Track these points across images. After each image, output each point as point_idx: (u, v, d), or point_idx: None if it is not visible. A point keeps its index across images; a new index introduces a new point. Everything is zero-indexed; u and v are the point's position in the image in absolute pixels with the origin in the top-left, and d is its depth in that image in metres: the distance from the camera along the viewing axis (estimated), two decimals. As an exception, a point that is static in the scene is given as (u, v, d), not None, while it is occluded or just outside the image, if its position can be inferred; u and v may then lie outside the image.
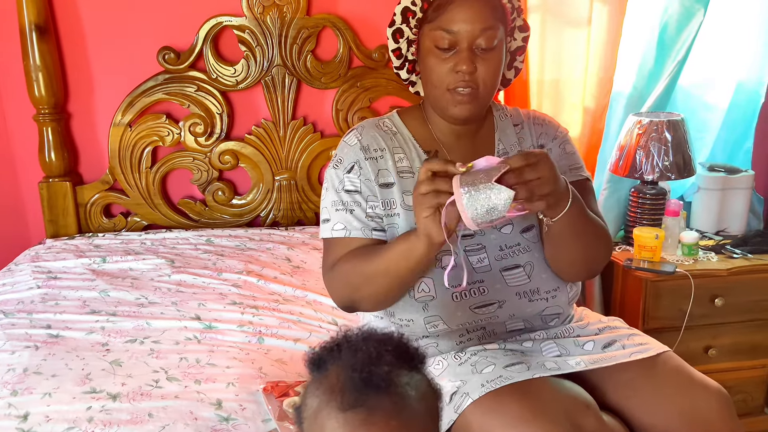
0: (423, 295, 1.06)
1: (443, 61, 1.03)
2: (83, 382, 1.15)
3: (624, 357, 1.04)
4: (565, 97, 1.92)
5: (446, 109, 1.06)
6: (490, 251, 1.09)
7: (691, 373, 1.04)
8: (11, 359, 1.21)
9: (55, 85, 1.78)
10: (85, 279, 1.55)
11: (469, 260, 1.07)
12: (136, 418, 1.05)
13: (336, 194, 1.10)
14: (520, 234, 1.10)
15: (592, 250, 1.07)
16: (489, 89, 1.05)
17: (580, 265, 1.08)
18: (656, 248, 1.79)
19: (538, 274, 1.09)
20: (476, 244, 1.08)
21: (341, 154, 1.12)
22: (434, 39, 1.03)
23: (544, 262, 1.10)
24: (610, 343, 1.07)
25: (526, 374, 0.96)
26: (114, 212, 1.94)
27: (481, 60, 1.02)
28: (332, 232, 1.08)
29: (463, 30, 1.01)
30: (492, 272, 1.08)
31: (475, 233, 1.08)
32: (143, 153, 1.88)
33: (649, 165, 1.84)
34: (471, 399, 0.94)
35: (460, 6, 1.01)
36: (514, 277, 1.08)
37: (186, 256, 1.70)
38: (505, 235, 1.10)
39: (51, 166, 1.83)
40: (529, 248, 1.10)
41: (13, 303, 1.44)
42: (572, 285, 1.14)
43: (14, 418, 1.05)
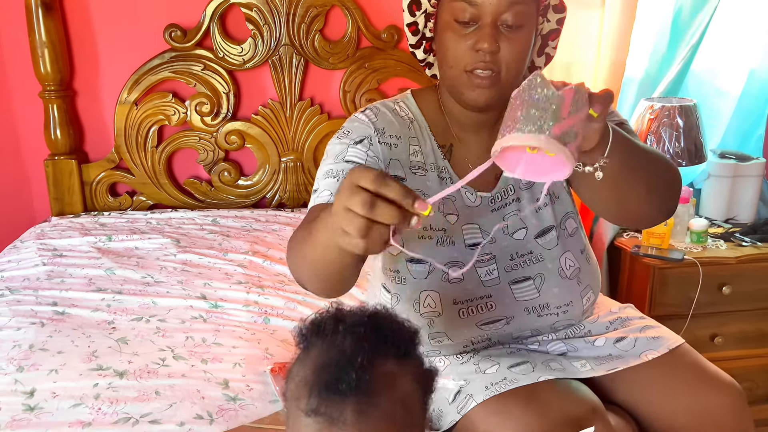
0: (429, 310, 0.98)
1: (462, 37, 0.91)
2: (89, 359, 1.14)
3: (634, 357, 1.01)
4: (576, 81, 1.88)
5: (462, 93, 0.94)
6: (500, 261, 0.99)
7: (703, 368, 1.01)
8: (17, 335, 1.21)
9: (61, 61, 1.77)
10: (90, 257, 1.54)
11: (477, 273, 0.99)
12: (143, 396, 1.05)
13: (334, 163, 0.94)
14: (534, 240, 1.01)
15: (657, 178, 0.88)
16: (513, 74, 0.92)
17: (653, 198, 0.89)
18: (665, 235, 1.78)
19: (548, 288, 1.00)
20: (486, 254, 0.99)
21: (349, 127, 0.99)
22: (453, 11, 0.91)
23: (557, 275, 1.00)
24: (621, 339, 1.05)
25: (531, 377, 0.94)
26: (119, 191, 1.93)
27: (506, 39, 0.90)
28: (317, 199, 0.91)
29: (488, 2, 0.88)
30: (500, 286, 0.99)
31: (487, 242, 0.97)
32: (149, 132, 1.86)
33: (660, 150, 1.82)
34: (475, 402, 0.93)
35: None
36: (523, 291, 1.00)
37: (192, 236, 1.69)
38: (518, 241, 1.01)
39: (56, 143, 1.82)
40: (542, 257, 1.00)
41: (19, 280, 1.44)
42: (590, 295, 1.05)
43: (21, 394, 1.04)
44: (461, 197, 1.00)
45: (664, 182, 0.89)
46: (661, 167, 0.89)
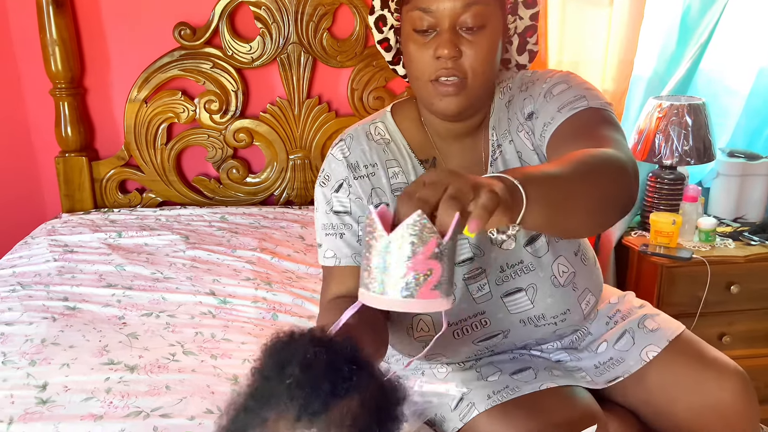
0: (423, 334, 0.97)
1: (423, 46, 0.88)
2: (101, 353, 1.16)
3: (635, 358, 1.00)
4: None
5: (432, 104, 0.91)
6: (490, 275, 0.96)
7: (705, 357, 1.00)
8: (29, 330, 1.22)
9: (72, 59, 1.78)
10: (101, 253, 1.56)
11: (468, 290, 0.96)
12: (154, 390, 1.06)
13: (325, 216, 0.98)
14: (524, 249, 0.96)
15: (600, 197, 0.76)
16: (480, 77, 0.89)
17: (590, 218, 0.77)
18: (673, 234, 1.77)
19: (542, 298, 0.97)
20: (476, 269, 0.96)
21: (328, 170, 0.99)
22: (412, 21, 0.88)
23: (550, 284, 0.97)
24: (620, 337, 1.04)
25: (533, 385, 0.94)
26: (129, 188, 1.95)
27: (468, 42, 0.87)
28: (324, 260, 0.98)
29: (443, 7, 0.86)
30: (493, 300, 0.96)
31: (475, 255, 0.96)
32: (158, 129, 1.88)
33: (668, 149, 1.82)
34: (477, 411, 0.93)
35: None
36: (516, 303, 0.97)
37: (200, 232, 1.71)
38: (506, 251, 0.96)
39: (67, 140, 1.83)
40: (533, 266, 0.96)
41: (31, 275, 1.45)
42: (589, 298, 1.01)
43: (33, 387, 1.06)
44: None
45: (612, 195, 0.77)
46: (605, 182, 0.76)
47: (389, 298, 0.57)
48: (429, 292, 0.58)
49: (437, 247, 0.57)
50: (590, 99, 0.89)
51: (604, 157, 0.76)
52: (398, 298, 0.57)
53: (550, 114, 0.90)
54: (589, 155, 0.76)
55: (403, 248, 0.57)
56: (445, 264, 0.58)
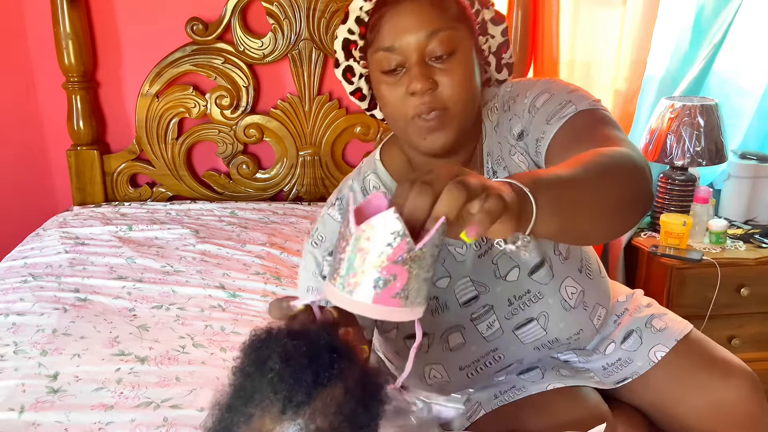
0: (436, 381, 0.95)
1: (395, 86, 0.83)
2: (111, 344, 1.16)
3: (642, 358, 0.99)
4: (596, 79, 1.89)
5: (418, 144, 0.86)
6: (498, 310, 0.92)
7: (712, 357, 1.00)
8: (40, 320, 1.23)
9: (85, 53, 1.79)
10: (111, 246, 1.56)
11: (478, 329, 0.92)
12: (164, 381, 1.07)
13: (313, 278, 0.93)
14: (528, 278, 0.92)
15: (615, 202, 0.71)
16: (461, 105, 0.84)
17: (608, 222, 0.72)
18: (683, 235, 1.77)
19: (554, 324, 0.94)
20: (482, 307, 0.92)
21: (323, 231, 0.93)
22: (379, 64, 0.84)
23: (561, 308, 0.93)
24: (627, 336, 1.03)
25: (541, 385, 0.93)
26: (140, 182, 1.96)
27: (441, 72, 0.82)
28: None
29: (405, 42, 0.81)
30: (504, 335, 0.93)
31: (480, 293, 0.91)
32: (169, 124, 1.88)
33: (679, 150, 1.81)
34: (484, 410, 0.92)
35: (396, 14, 0.82)
36: (528, 333, 0.94)
37: (210, 227, 1.71)
38: (512, 283, 0.92)
39: (79, 134, 1.84)
40: (541, 294, 0.92)
41: (42, 267, 1.46)
42: (600, 312, 0.98)
43: (44, 377, 1.06)
44: (451, 255, 0.92)
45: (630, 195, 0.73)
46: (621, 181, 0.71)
47: (345, 296, 0.53)
48: (389, 299, 0.52)
49: (406, 252, 0.51)
50: (577, 102, 0.84)
51: (616, 156, 0.72)
52: (354, 299, 0.52)
53: (540, 128, 0.85)
54: (601, 154, 0.72)
55: (367, 246, 0.52)
56: (415, 272, 0.52)
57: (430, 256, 0.53)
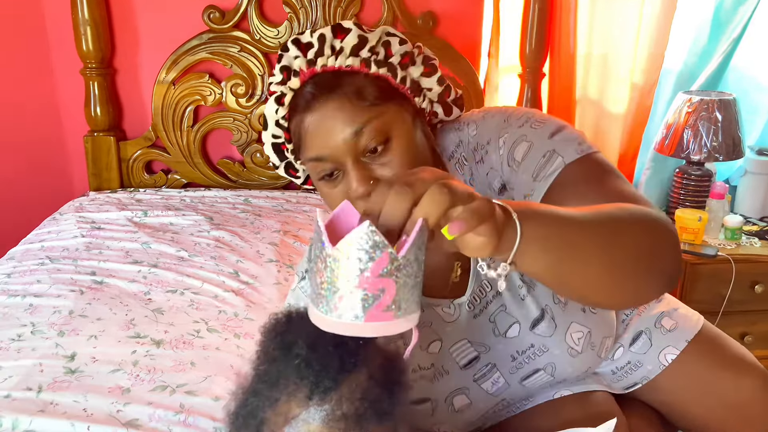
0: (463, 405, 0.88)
1: (335, 189, 0.77)
2: (127, 327, 1.18)
3: (653, 362, 0.97)
4: (613, 72, 1.87)
5: None
6: (502, 368, 0.86)
7: (722, 354, 0.97)
8: (57, 302, 1.25)
9: (102, 40, 1.80)
10: (127, 231, 1.58)
11: (483, 388, 0.87)
12: (180, 366, 1.08)
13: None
14: (530, 332, 0.86)
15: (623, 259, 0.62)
16: None
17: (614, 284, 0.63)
18: (698, 231, 1.76)
19: (562, 370, 0.88)
20: (485, 366, 0.86)
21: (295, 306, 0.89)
22: (315, 171, 0.78)
23: (568, 356, 0.87)
24: (636, 338, 0.99)
25: (548, 393, 0.91)
26: (155, 169, 1.97)
27: (381, 166, 0.75)
28: None
29: (333, 147, 0.74)
30: (511, 388, 0.88)
31: (480, 353, 0.85)
32: (185, 111, 1.89)
33: (696, 145, 1.80)
34: (490, 422, 0.92)
35: (314, 120, 0.75)
36: (536, 380, 0.89)
37: (224, 214, 1.72)
38: (513, 339, 0.86)
39: (96, 120, 1.86)
40: (546, 347, 0.86)
41: (59, 250, 1.48)
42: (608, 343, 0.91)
43: (62, 357, 1.08)
44: (438, 316, 0.86)
45: (650, 258, 0.63)
46: (640, 241, 0.63)
47: (335, 320, 0.50)
48: (380, 314, 0.50)
49: (390, 264, 0.49)
50: (563, 151, 0.76)
51: (639, 213, 0.63)
52: (345, 321, 0.50)
53: (527, 185, 0.78)
54: (620, 207, 0.64)
55: (348, 265, 0.49)
56: (402, 281, 0.50)
57: (415, 260, 0.51)
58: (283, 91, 0.79)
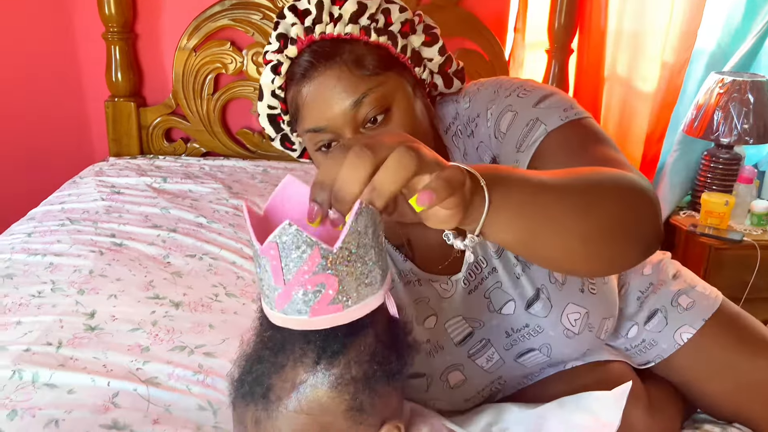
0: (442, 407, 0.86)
1: None
2: (147, 288, 1.17)
3: (668, 340, 0.94)
4: (643, 50, 1.82)
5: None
6: (496, 343, 0.85)
7: (739, 333, 0.95)
8: (77, 261, 1.25)
9: (125, 3, 1.78)
10: (146, 196, 1.57)
11: (477, 364, 0.86)
12: (198, 328, 1.08)
13: None
14: (525, 312, 0.84)
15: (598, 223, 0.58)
16: None
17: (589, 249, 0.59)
18: (724, 215, 1.72)
19: (558, 351, 0.86)
20: (479, 342, 0.85)
21: None
22: (311, 143, 0.76)
23: (564, 338, 0.84)
24: (651, 316, 0.97)
25: (560, 366, 0.90)
26: (174, 137, 1.96)
27: None
28: None
29: (331, 119, 0.72)
30: (506, 364, 0.86)
31: (474, 329, 0.83)
32: (206, 79, 1.88)
33: (726, 127, 1.75)
34: (503, 394, 0.90)
35: (312, 91, 0.73)
36: (531, 360, 0.87)
37: (243, 183, 1.71)
38: (509, 316, 0.84)
39: (117, 85, 1.85)
40: (541, 328, 0.84)
41: (79, 212, 1.48)
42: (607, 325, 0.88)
43: (81, 315, 1.08)
44: (435, 292, 0.85)
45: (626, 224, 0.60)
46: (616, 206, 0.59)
47: (281, 315, 0.47)
48: (326, 308, 0.46)
49: (323, 260, 0.45)
50: (546, 119, 0.73)
51: (617, 177, 0.60)
52: (290, 317, 0.47)
53: (512, 157, 0.76)
54: (596, 171, 0.61)
55: (276, 266, 0.45)
56: (346, 271, 0.46)
57: (362, 246, 0.46)
58: (279, 60, 0.77)
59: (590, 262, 0.60)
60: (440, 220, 0.49)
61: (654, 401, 0.92)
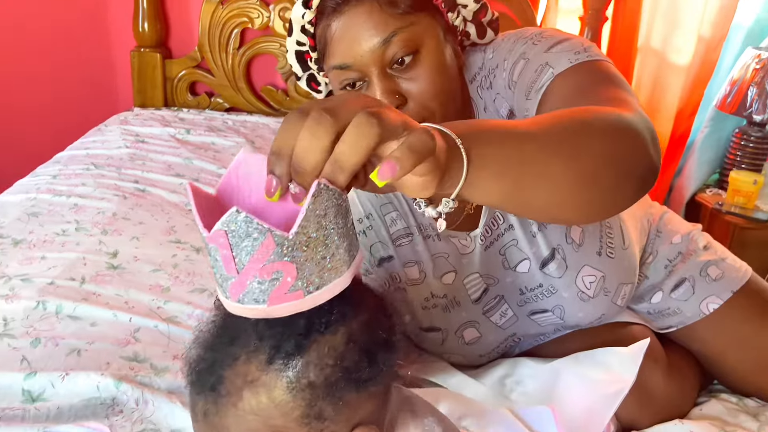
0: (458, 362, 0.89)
1: None
2: (168, 232, 1.18)
3: (693, 310, 0.94)
4: (680, 23, 1.77)
5: None
6: (510, 300, 0.86)
7: (765, 307, 0.94)
8: (101, 204, 1.26)
9: (154, -48, 1.77)
10: (170, 146, 1.58)
11: (492, 321, 0.87)
12: (217, 271, 1.08)
13: None
14: (540, 271, 0.84)
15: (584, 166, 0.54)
16: (437, 102, 0.74)
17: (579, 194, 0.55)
18: (752, 194, 1.69)
19: (572, 314, 0.86)
20: (493, 298, 0.86)
21: None
22: (337, 81, 0.76)
23: (578, 300, 0.84)
24: (678, 285, 0.96)
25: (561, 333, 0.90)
26: (198, 91, 1.96)
27: (407, 81, 0.73)
28: None
29: (359, 56, 0.72)
30: (520, 321, 0.87)
31: (489, 285, 0.84)
32: (232, 33, 1.86)
33: (760, 104, 1.70)
34: (519, 349, 0.91)
35: (342, 25, 0.72)
36: (545, 319, 0.88)
37: (266, 139, 1.71)
38: (523, 274, 0.84)
39: (143, 36, 1.84)
40: (554, 289, 0.84)
41: (103, 158, 1.49)
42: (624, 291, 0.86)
43: (104, 254, 1.09)
44: (454, 248, 0.85)
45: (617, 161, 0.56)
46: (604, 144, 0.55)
47: (236, 305, 0.43)
48: (284, 296, 0.42)
49: (278, 247, 0.40)
50: (555, 63, 0.70)
51: (601, 115, 0.57)
52: (247, 306, 0.43)
53: (523, 107, 0.74)
54: (578, 111, 0.57)
55: (227, 255, 0.41)
56: (303, 258, 0.41)
57: (319, 229, 0.41)
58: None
59: (582, 208, 0.56)
60: (415, 189, 0.45)
61: (673, 367, 0.91)
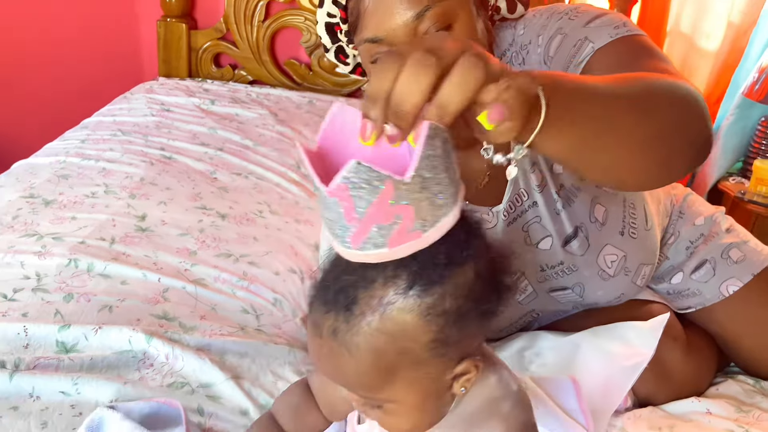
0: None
1: None
2: (194, 199, 1.20)
3: (713, 291, 0.94)
4: (710, 7, 1.75)
5: None
6: (530, 276, 0.86)
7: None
8: (128, 169, 1.28)
9: None
10: (195, 116, 1.59)
11: None
12: (242, 239, 1.10)
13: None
14: (562, 249, 0.84)
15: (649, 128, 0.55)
16: None
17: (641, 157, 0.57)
18: (776, 183, 1.67)
19: (592, 292, 0.87)
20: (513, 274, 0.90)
21: None
22: (368, 54, 0.75)
23: (599, 279, 0.85)
24: (699, 267, 0.97)
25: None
26: (222, 63, 1.96)
27: None
28: None
29: (391, 29, 0.71)
30: (539, 297, 0.88)
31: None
32: (257, 5, 1.86)
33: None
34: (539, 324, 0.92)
35: (375, 1, 0.72)
36: (564, 297, 0.88)
37: (289, 112, 1.72)
38: (545, 251, 0.84)
39: (170, 5, 1.85)
40: (576, 267, 0.84)
41: (130, 125, 1.50)
42: (644, 271, 0.87)
43: (133, 216, 1.11)
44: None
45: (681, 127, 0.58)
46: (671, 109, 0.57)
47: (356, 252, 0.45)
48: (404, 236, 0.44)
49: (395, 191, 0.42)
50: (595, 37, 0.70)
51: (667, 82, 0.58)
52: (368, 253, 0.45)
53: (563, 66, 0.75)
54: (646, 76, 0.58)
55: (347, 206, 0.43)
56: (418, 198, 0.43)
57: (432, 169, 0.43)
58: None
59: (642, 170, 0.58)
60: (498, 133, 0.45)
61: (692, 347, 0.92)
